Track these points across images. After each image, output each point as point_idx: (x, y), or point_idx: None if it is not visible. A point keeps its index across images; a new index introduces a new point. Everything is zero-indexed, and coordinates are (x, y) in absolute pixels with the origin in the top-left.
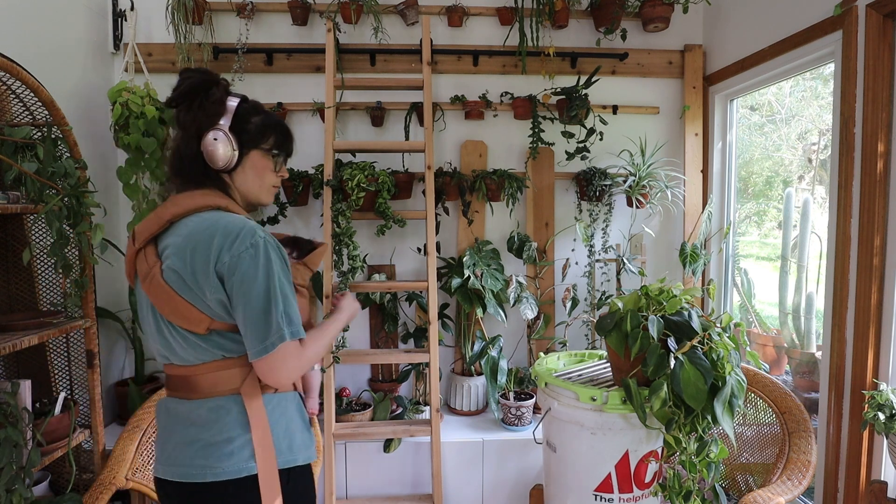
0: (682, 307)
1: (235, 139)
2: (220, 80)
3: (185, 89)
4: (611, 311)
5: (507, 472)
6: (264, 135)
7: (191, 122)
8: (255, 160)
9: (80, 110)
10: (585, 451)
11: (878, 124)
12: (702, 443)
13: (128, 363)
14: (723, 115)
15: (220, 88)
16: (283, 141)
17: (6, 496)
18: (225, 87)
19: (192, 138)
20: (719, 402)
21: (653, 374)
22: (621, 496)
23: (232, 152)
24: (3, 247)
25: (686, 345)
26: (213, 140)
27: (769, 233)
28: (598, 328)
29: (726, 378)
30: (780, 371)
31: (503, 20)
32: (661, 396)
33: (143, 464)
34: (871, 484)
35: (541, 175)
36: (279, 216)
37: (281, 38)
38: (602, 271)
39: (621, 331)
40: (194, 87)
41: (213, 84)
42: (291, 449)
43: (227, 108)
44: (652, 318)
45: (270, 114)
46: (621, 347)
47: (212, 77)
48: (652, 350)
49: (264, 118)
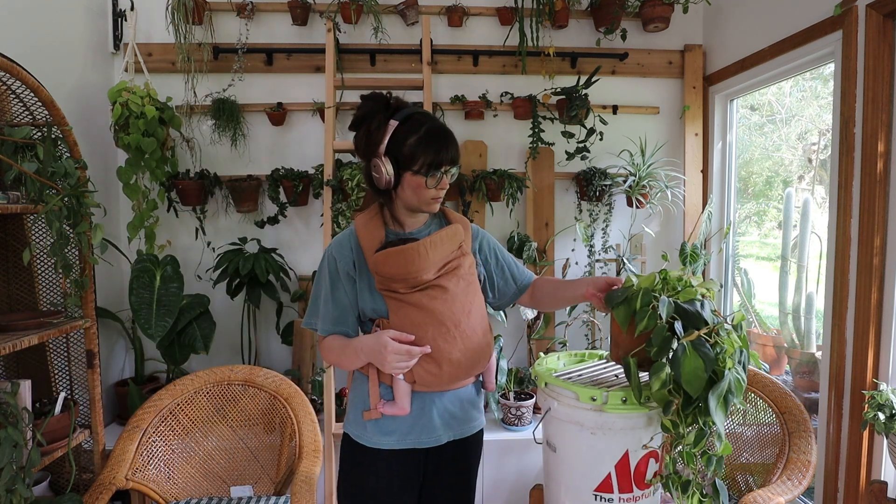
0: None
1: (392, 162)
2: (387, 105)
3: (356, 119)
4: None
5: (507, 471)
6: (414, 158)
7: (360, 148)
8: (408, 180)
9: (80, 110)
10: (585, 451)
11: (878, 124)
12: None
13: (128, 363)
14: (723, 115)
15: (381, 118)
16: (434, 160)
17: (6, 496)
18: (387, 114)
19: (365, 162)
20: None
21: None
22: (621, 496)
23: (388, 176)
24: (3, 247)
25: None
26: (372, 166)
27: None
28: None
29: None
30: (780, 371)
31: (503, 20)
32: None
33: (143, 464)
34: (871, 484)
35: (541, 175)
36: (279, 216)
37: (281, 38)
38: (602, 271)
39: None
40: (363, 116)
41: (377, 113)
42: (349, 420)
43: (387, 132)
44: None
45: (425, 132)
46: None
47: (377, 107)
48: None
49: (417, 140)
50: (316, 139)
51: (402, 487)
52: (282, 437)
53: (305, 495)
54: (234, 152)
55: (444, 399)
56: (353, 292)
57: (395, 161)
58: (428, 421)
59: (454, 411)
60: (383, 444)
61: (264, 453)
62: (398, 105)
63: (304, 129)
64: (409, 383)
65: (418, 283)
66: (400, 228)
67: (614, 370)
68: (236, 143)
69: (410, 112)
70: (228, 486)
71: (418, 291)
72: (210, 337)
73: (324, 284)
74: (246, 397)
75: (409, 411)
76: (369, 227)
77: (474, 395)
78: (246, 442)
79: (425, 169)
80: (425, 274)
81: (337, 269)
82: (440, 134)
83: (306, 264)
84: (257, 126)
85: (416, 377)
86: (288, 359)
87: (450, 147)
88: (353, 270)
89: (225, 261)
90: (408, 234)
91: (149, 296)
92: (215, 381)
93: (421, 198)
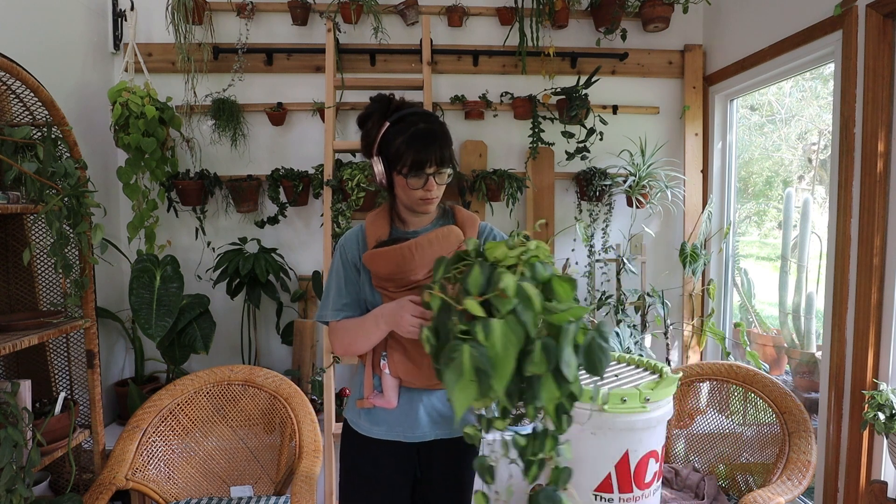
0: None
1: (384, 163)
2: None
3: (358, 120)
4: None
5: (507, 471)
6: (399, 158)
7: (362, 148)
8: (397, 180)
9: (80, 110)
10: (585, 451)
11: (878, 124)
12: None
13: (128, 363)
14: (723, 115)
15: (377, 118)
16: (415, 161)
17: (6, 496)
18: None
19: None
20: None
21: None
22: (621, 496)
23: (381, 176)
24: (3, 247)
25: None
26: (372, 166)
27: (769, 233)
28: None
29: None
30: (780, 371)
31: (503, 20)
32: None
33: (143, 464)
34: (871, 484)
35: (541, 175)
36: (279, 216)
37: (281, 38)
38: (602, 271)
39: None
40: (363, 117)
41: (375, 113)
42: (347, 407)
43: (380, 133)
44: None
45: (411, 133)
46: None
47: (378, 107)
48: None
49: (402, 141)
50: (316, 139)
51: (392, 476)
52: (282, 437)
53: (305, 495)
54: (234, 152)
55: (433, 397)
56: (359, 284)
57: (386, 161)
58: (414, 417)
59: (443, 410)
60: (374, 434)
61: (264, 453)
62: (399, 106)
63: (304, 129)
64: (395, 378)
65: (407, 283)
66: (403, 226)
67: (614, 370)
68: (236, 143)
69: (404, 113)
70: (228, 486)
71: (406, 291)
72: (210, 337)
73: (334, 276)
74: (246, 397)
75: (395, 405)
76: (376, 224)
77: None
78: (246, 442)
79: (406, 170)
80: (414, 275)
81: (347, 259)
82: (425, 135)
83: (306, 264)
84: (257, 126)
85: (400, 373)
86: (288, 359)
87: (434, 148)
88: (359, 262)
89: (225, 261)
90: (411, 232)
91: (149, 296)
92: (215, 381)
93: (410, 198)
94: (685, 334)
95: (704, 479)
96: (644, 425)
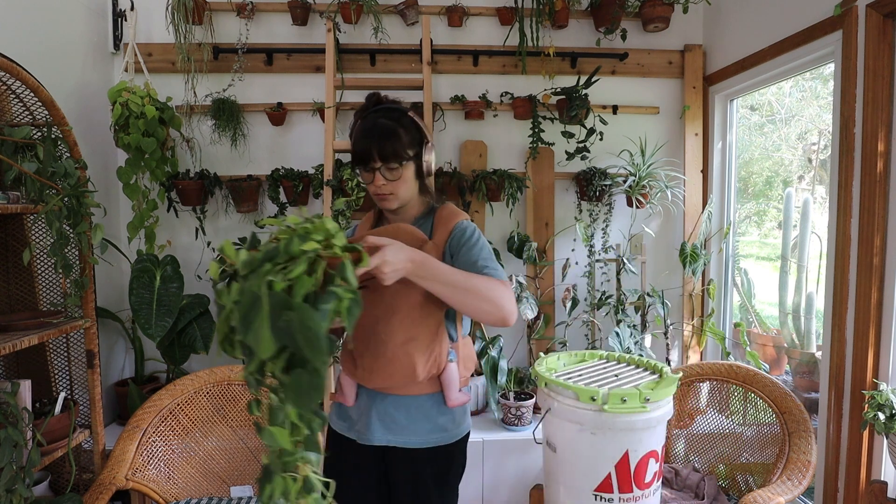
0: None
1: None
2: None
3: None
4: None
5: (507, 471)
6: (353, 155)
7: None
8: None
9: (80, 110)
10: (585, 451)
11: (878, 124)
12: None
13: (128, 363)
14: (723, 115)
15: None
16: (358, 155)
17: (6, 496)
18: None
19: None
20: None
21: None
22: (621, 496)
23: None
24: (3, 247)
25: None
26: None
27: (769, 233)
28: None
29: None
30: (780, 371)
31: (503, 20)
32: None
33: (143, 464)
34: (871, 484)
35: (541, 175)
36: (279, 216)
37: (281, 38)
38: (602, 271)
39: None
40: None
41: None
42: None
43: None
44: None
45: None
46: None
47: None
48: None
49: (353, 136)
50: (316, 139)
51: (353, 475)
52: None
53: None
54: (234, 152)
55: (387, 402)
56: None
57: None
58: (367, 419)
59: (397, 417)
60: (338, 428)
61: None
62: (377, 103)
63: (304, 129)
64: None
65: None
66: (386, 223)
67: (614, 370)
68: (236, 143)
69: (373, 109)
70: (228, 486)
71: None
72: (210, 337)
73: None
74: (246, 397)
75: (351, 403)
76: (366, 222)
77: (430, 408)
78: (246, 442)
79: (353, 165)
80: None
81: None
82: (369, 130)
83: None
84: (257, 126)
85: (347, 370)
86: None
87: (374, 142)
88: None
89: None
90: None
91: (149, 296)
92: (215, 381)
93: (371, 193)
94: (685, 334)
95: (704, 479)
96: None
